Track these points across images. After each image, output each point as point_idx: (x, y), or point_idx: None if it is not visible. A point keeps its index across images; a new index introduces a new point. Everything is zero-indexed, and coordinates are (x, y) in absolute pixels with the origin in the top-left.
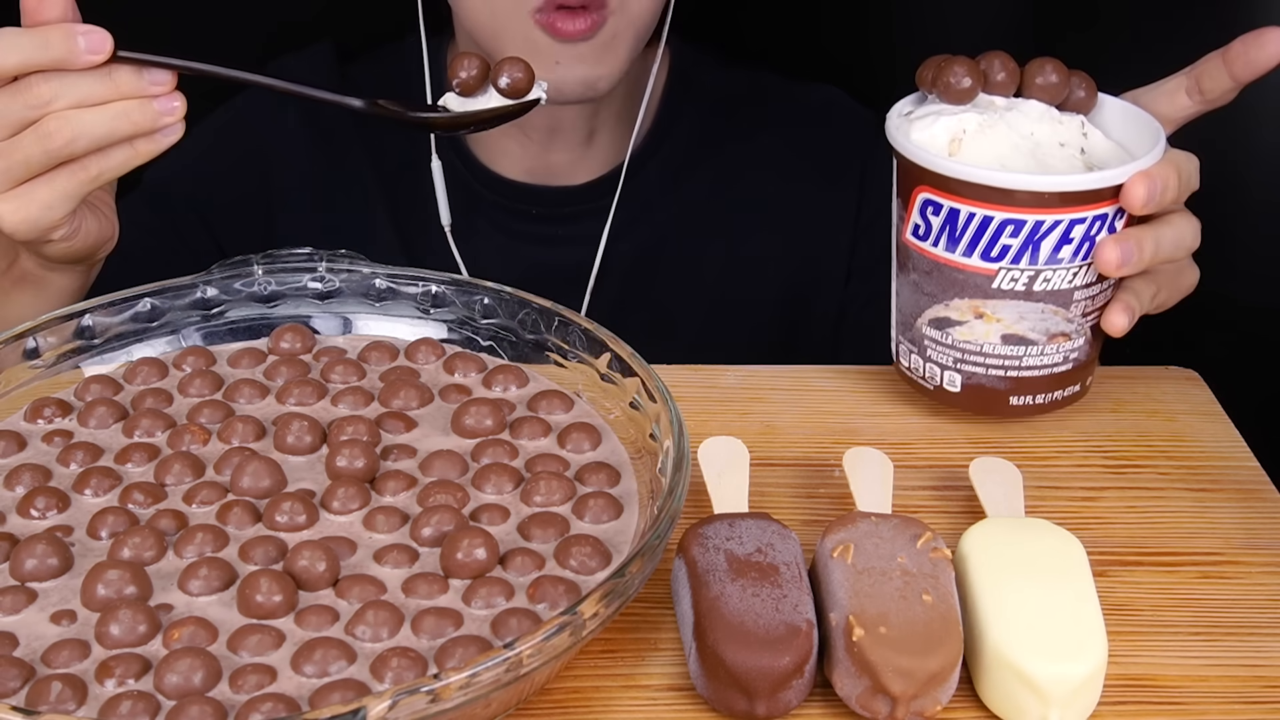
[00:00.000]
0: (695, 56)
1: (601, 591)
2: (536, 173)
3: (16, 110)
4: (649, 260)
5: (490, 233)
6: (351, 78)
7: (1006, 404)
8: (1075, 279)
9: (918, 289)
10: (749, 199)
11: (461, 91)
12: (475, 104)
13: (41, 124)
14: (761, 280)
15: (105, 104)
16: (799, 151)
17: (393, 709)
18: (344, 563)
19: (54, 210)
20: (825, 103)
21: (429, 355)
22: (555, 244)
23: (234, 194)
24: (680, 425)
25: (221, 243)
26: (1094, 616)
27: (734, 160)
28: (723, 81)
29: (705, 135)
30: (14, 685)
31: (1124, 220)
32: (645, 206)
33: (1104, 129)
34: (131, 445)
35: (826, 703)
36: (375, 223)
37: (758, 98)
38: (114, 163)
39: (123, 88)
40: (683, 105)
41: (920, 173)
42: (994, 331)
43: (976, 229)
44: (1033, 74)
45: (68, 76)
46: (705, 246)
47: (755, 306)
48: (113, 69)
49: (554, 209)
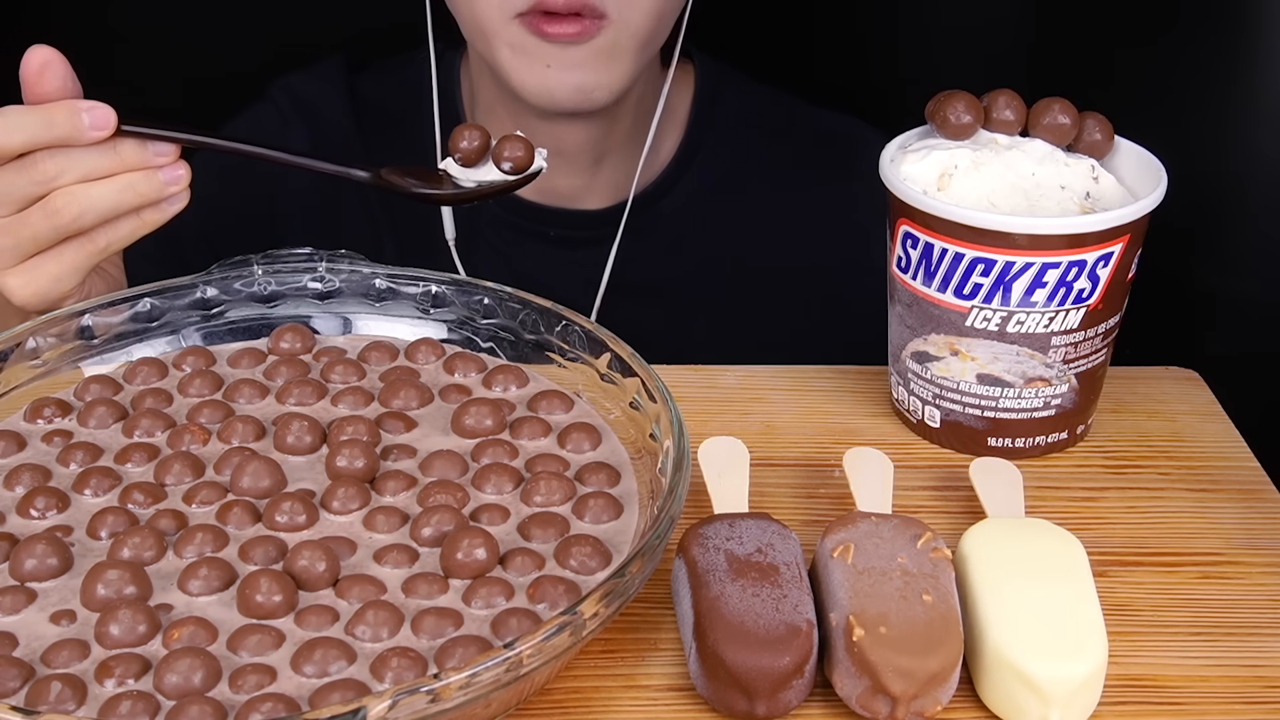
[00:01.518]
0: (724, 73)
1: (601, 591)
2: (546, 194)
3: (22, 186)
4: (665, 285)
5: (494, 251)
6: (360, 92)
7: (985, 444)
8: (1052, 324)
9: (902, 321)
10: (776, 223)
11: (463, 163)
12: (475, 173)
13: (49, 200)
14: (788, 307)
15: (111, 177)
16: (827, 175)
17: (393, 709)
18: (344, 563)
19: (63, 283)
20: (845, 130)
21: (429, 355)
22: (567, 267)
23: (241, 216)
24: (680, 425)
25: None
26: (1094, 616)
27: (764, 183)
28: (752, 100)
29: (735, 155)
30: (14, 685)
31: (1109, 268)
32: (666, 230)
33: (1118, 173)
34: (131, 445)
35: (826, 703)
36: (380, 238)
37: (786, 118)
38: (121, 234)
39: (128, 160)
40: (712, 124)
41: (901, 205)
42: (969, 370)
43: (949, 265)
44: (1040, 114)
45: (72, 151)
46: (729, 273)
47: (781, 330)
48: (117, 142)
49: (570, 232)
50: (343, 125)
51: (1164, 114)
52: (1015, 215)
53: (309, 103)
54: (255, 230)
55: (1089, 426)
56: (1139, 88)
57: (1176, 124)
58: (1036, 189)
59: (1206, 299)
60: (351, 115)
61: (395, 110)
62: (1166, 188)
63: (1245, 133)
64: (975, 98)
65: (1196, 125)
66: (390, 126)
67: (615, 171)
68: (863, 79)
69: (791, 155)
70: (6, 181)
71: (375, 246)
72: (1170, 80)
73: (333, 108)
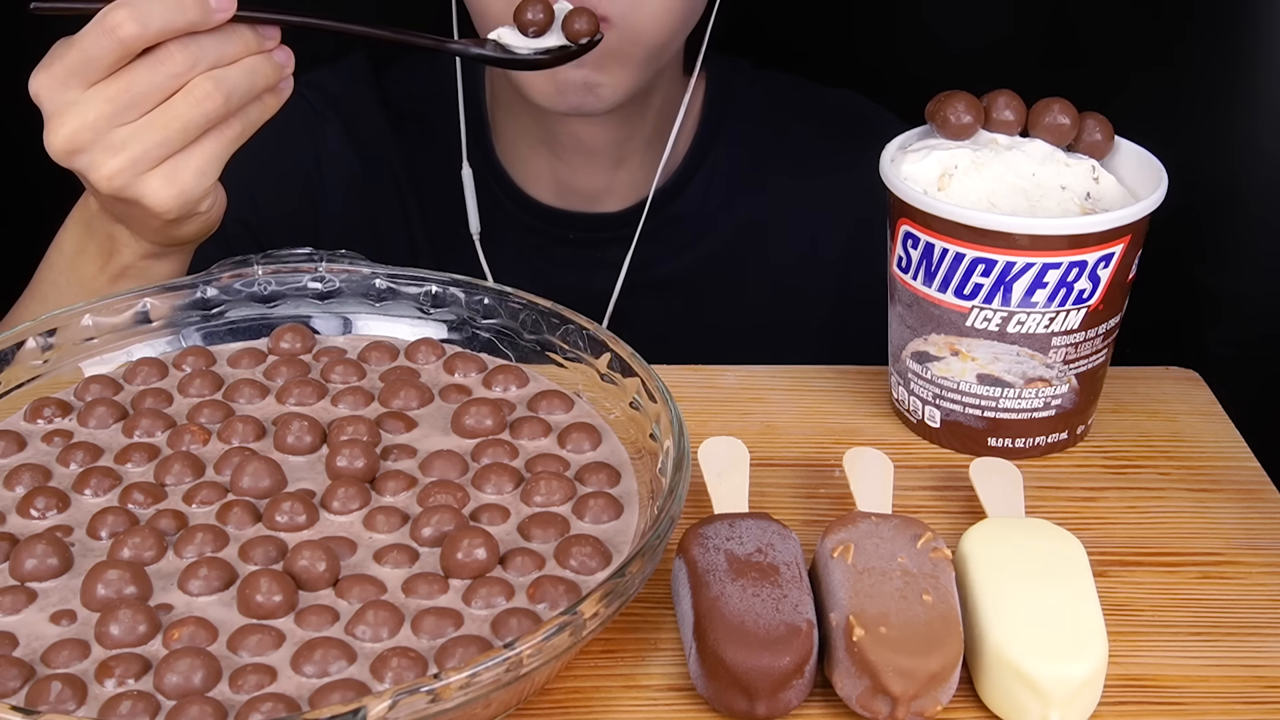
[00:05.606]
0: (731, 66)
1: (601, 591)
2: (566, 195)
3: (159, 81)
4: (683, 282)
5: (517, 249)
6: (386, 88)
7: (985, 445)
8: (1052, 324)
9: (902, 321)
10: (794, 210)
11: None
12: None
13: (192, 88)
14: (809, 299)
15: (237, 62)
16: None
17: (393, 709)
18: (344, 563)
19: (206, 177)
20: (853, 106)
21: (429, 355)
22: (587, 266)
23: (283, 209)
24: (680, 425)
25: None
26: (1094, 617)
27: (782, 171)
28: (758, 90)
29: (751, 147)
30: (14, 685)
31: (1110, 269)
32: (687, 229)
33: (1118, 174)
34: (131, 445)
35: (826, 703)
36: (411, 231)
37: (791, 104)
38: (251, 119)
39: (250, 44)
40: (724, 120)
41: (901, 205)
42: (969, 370)
43: (950, 265)
44: (1040, 114)
45: (200, 39)
46: (751, 266)
47: (802, 328)
48: (232, 27)
49: (590, 234)
50: (373, 120)
51: (1164, 114)
52: (1016, 215)
53: (339, 98)
54: (299, 223)
55: (1089, 426)
56: (1140, 88)
57: (1177, 124)
58: (1037, 189)
59: (1206, 299)
60: (381, 111)
61: (421, 107)
62: (1167, 188)
63: (1246, 133)
64: (975, 98)
65: (1197, 125)
66: (417, 122)
67: (634, 174)
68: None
69: (809, 136)
70: (142, 78)
71: (406, 235)
72: (1171, 80)
73: (362, 103)
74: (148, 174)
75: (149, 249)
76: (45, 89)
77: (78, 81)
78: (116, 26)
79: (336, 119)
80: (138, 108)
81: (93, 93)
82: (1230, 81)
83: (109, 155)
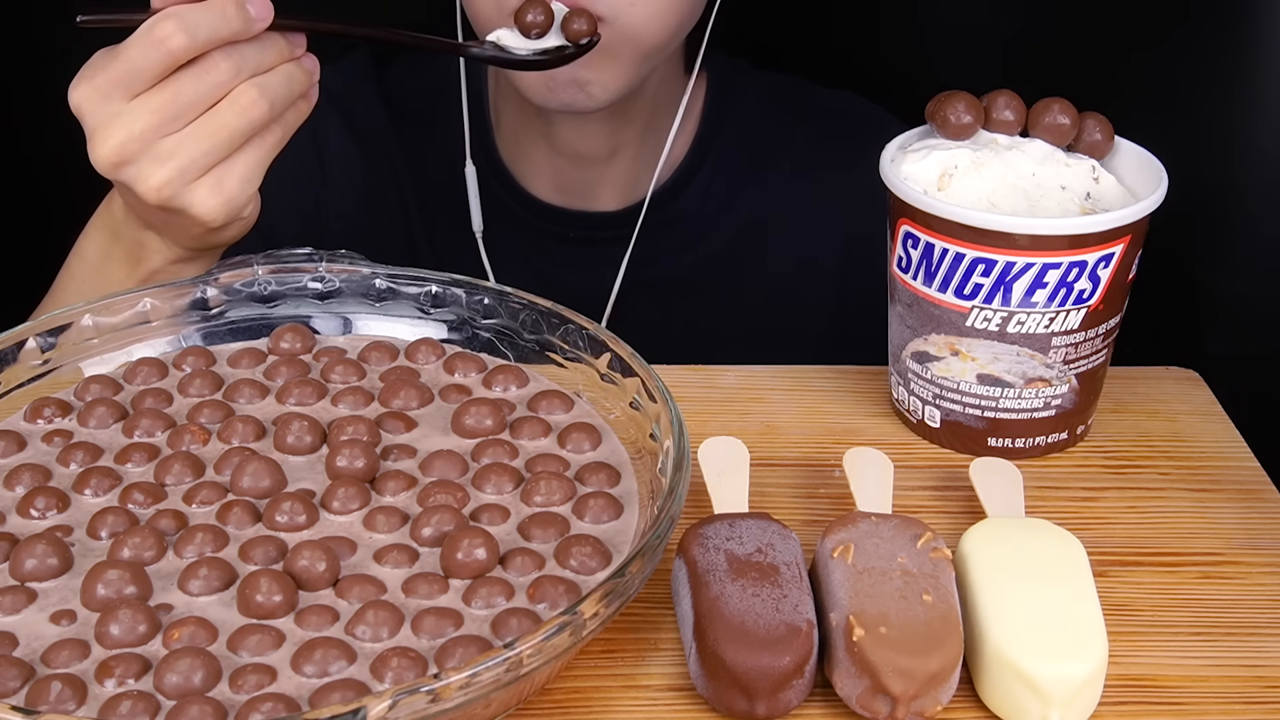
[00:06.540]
0: (732, 66)
1: (601, 591)
2: (566, 193)
3: (204, 90)
4: (687, 284)
5: (518, 247)
6: (389, 87)
7: (985, 445)
8: (1052, 324)
9: (902, 321)
10: (794, 211)
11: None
12: (535, 44)
13: (237, 96)
14: (807, 307)
15: (276, 69)
16: (840, 160)
17: (393, 709)
18: (344, 563)
19: (251, 183)
20: (853, 107)
21: (429, 355)
22: (588, 265)
23: (285, 207)
24: (680, 425)
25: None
26: (1094, 617)
27: (778, 171)
28: (759, 90)
29: (752, 146)
30: (14, 685)
31: (1110, 269)
32: (688, 228)
33: (1118, 174)
34: (131, 445)
35: (826, 703)
36: (411, 228)
37: (792, 104)
38: (289, 125)
39: (284, 52)
40: (725, 119)
41: (901, 205)
42: (969, 370)
43: (950, 265)
44: (1040, 114)
45: (241, 48)
46: (751, 267)
47: (800, 335)
48: (266, 36)
49: (590, 232)
50: (376, 118)
51: (1164, 114)
52: (1016, 215)
53: (340, 96)
54: (310, 226)
55: (1089, 426)
56: (1139, 88)
57: (1177, 124)
58: (1037, 189)
59: (1206, 299)
60: (382, 108)
61: (423, 105)
62: (1167, 188)
63: (1245, 133)
64: (975, 98)
65: (1197, 125)
66: (418, 120)
67: (631, 171)
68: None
69: (810, 137)
70: (188, 88)
71: (408, 234)
72: (1171, 81)
73: (365, 101)
74: (195, 183)
75: (180, 254)
76: (88, 101)
77: (121, 93)
78: (166, 38)
79: (338, 116)
80: (183, 118)
81: (138, 104)
82: (1229, 82)
83: (157, 166)
